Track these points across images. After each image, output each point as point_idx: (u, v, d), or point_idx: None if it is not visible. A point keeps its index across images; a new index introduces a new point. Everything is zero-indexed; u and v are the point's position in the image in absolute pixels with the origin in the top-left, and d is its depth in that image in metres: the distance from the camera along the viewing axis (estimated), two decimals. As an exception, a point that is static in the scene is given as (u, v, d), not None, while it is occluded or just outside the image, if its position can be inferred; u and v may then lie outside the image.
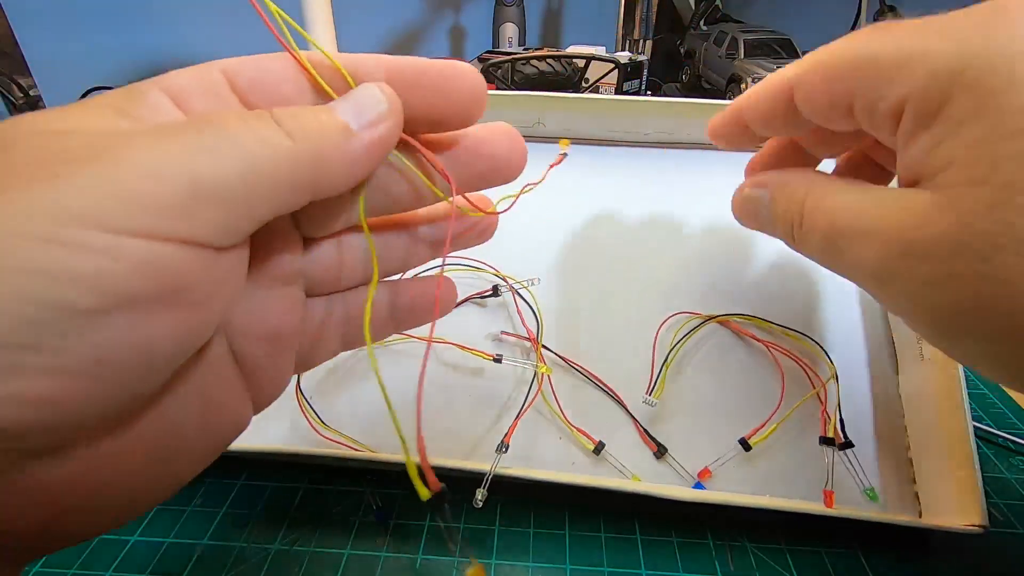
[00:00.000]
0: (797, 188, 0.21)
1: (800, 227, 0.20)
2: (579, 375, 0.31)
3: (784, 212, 0.21)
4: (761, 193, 0.23)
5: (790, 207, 0.21)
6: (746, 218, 0.25)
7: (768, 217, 0.23)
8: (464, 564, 0.27)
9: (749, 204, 0.24)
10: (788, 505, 0.27)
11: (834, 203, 0.19)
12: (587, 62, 0.77)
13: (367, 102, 0.16)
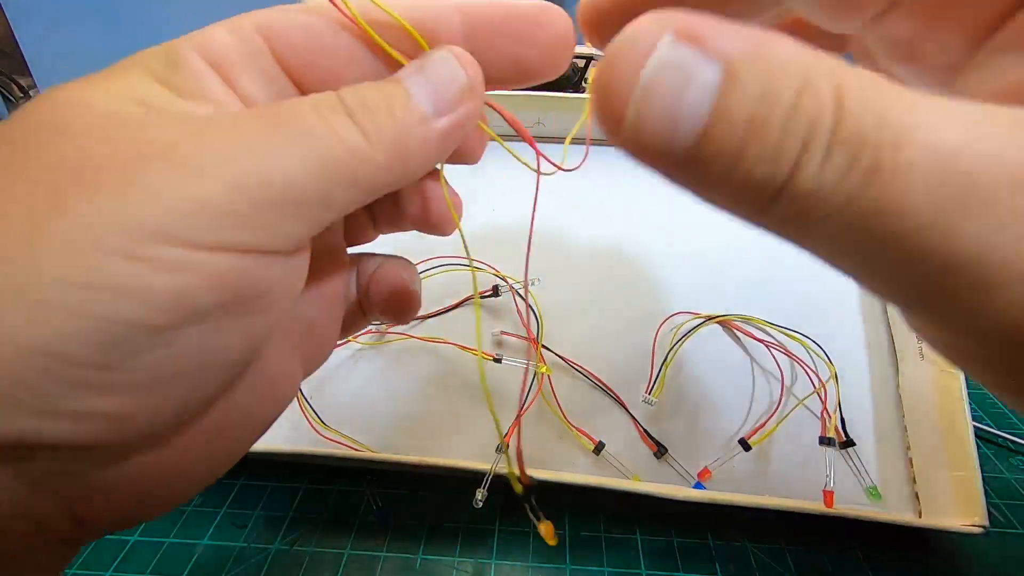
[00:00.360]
0: (807, 64, 0.09)
1: (826, 156, 0.09)
2: (579, 375, 0.31)
3: (776, 112, 0.09)
4: (698, 60, 0.09)
5: (803, 100, 0.09)
6: (647, 126, 0.10)
7: (705, 123, 0.09)
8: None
9: (663, 87, 0.09)
10: (788, 505, 0.27)
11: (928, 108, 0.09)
12: (587, 62, 0.77)
13: (444, 78, 0.14)
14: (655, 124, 0.09)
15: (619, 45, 0.10)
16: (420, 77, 0.14)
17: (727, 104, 0.09)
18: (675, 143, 0.09)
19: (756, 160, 0.09)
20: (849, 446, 0.28)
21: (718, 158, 0.09)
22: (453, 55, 0.14)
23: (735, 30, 0.09)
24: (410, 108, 0.13)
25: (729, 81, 0.09)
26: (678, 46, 0.09)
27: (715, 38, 0.09)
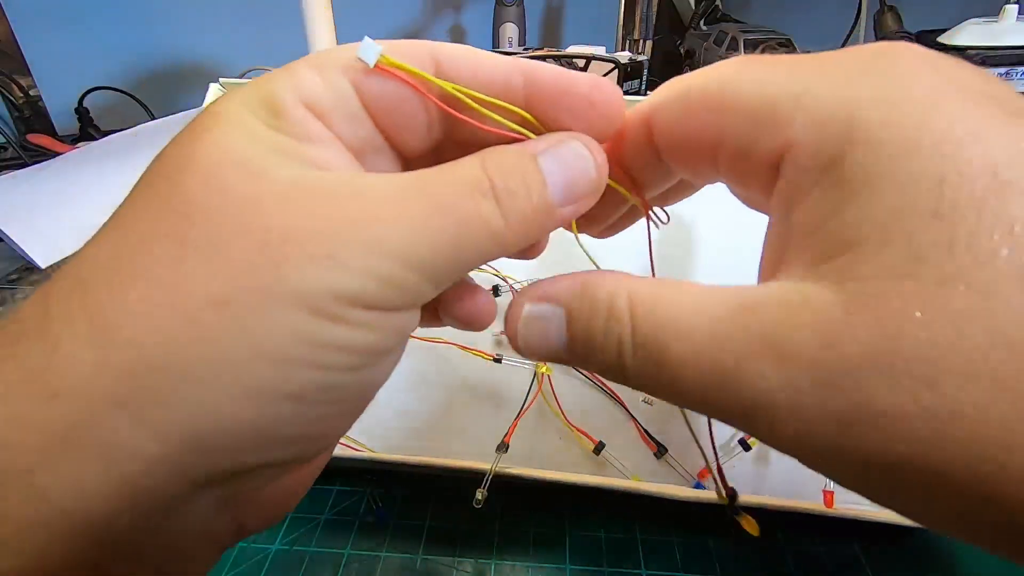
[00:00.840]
0: (612, 292, 0.14)
1: (633, 353, 0.14)
2: (579, 375, 0.31)
3: (599, 333, 0.14)
4: (550, 310, 0.15)
5: (609, 324, 0.14)
6: (533, 350, 0.16)
7: (566, 345, 0.15)
8: (461, 563, 0.27)
9: (535, 330, 0.16)
10: (788, 505, 0.27)
11: (688, 310, 0.13)
12: (587, 62, 0.77)
13: (577, 172, 0.15)
14: (537, 348, 0.16)
15: (507, 315, 0.16)
16: (556, 165, 0.15)
17: (572, 330, 0.15)
18: (555, 351, 0.16)
19: (602, 354, 0.14)
20: (849, 446, 0.28)
21: (584, 355, 0.15)
22: (588, 151, 0.15)
23: (568, 279, 0.16)
24: (545, 197, 0.15)
25: (569, 317, 0.15)
26: (534, 305, 0.16)
27: (553, 291, 0.16)
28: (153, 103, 0.79)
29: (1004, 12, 0.65)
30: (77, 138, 0.76)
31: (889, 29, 0.70)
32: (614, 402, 0.31)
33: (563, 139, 0.15)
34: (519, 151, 0.15)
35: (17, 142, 0.69)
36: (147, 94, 0.80)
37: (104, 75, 0.81)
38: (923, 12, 0.77)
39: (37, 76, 0.79)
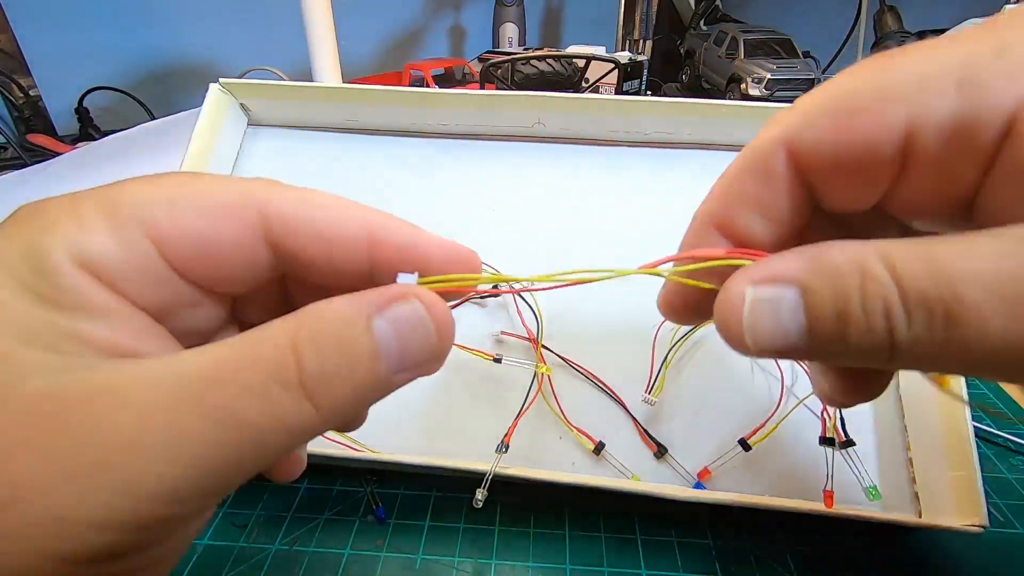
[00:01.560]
0: (856, 257, 0.12)
1: (908, 318, 0.12)
2: (579, 375, 0.31)
3: (852, 306, 0.12)
4: (780, 292, 0.13)
5: (867, 292, 0.12)
6: (764, 342, 0.13)
7: (806, 329, 0.13)
8: (462, 563, 0.27)
9: (764, 316, 0.13)
10: (788, 505, 0.27)
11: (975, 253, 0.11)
12: (587, 62, 0.77)
13: (416, 339, 0.13)
14: (771, 339, 0.13)
15: (721, 306, 0.14)
16: (391, 330, 0.13)
17: (814, 309, 0.13)
18: (791, 339, 0.13)
19: (859, 337, 0.12)
20: (849, 446, 0.28)
21: (831, 343, 0.13)
22: (429, 315, 0.13)
23: (793, 255, 0.13)
24: (376, 372, 0.13)
25: (807, 294, 0.13)
26: (759, 288, 0.13)
27: (780, 269, 0.13)
28: (153, 103, 0.79)
29: (1004, 12, 0.65)
30: (77, 138, 0.76)
31: (889, 29, 0.70)
32: (614, 402, 0.31)
33: (401, 294, 0.13)
34: (349, 314, 0.13)
35: (17, 142, 0.69)
36: (147, 94, 0.80)
37: (104, 75, 0.81)
38: (923, 12, 0.77)
39: (37, 76, 0.79)
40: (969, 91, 0.12)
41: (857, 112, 0.13)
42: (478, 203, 0.36)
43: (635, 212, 0.35)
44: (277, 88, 0.36)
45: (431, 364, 0.14)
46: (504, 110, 0.35)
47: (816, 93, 0.14)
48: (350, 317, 0.13)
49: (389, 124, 0.38)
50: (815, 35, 0.85)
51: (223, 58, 0.93)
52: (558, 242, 0.35)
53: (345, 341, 0.12)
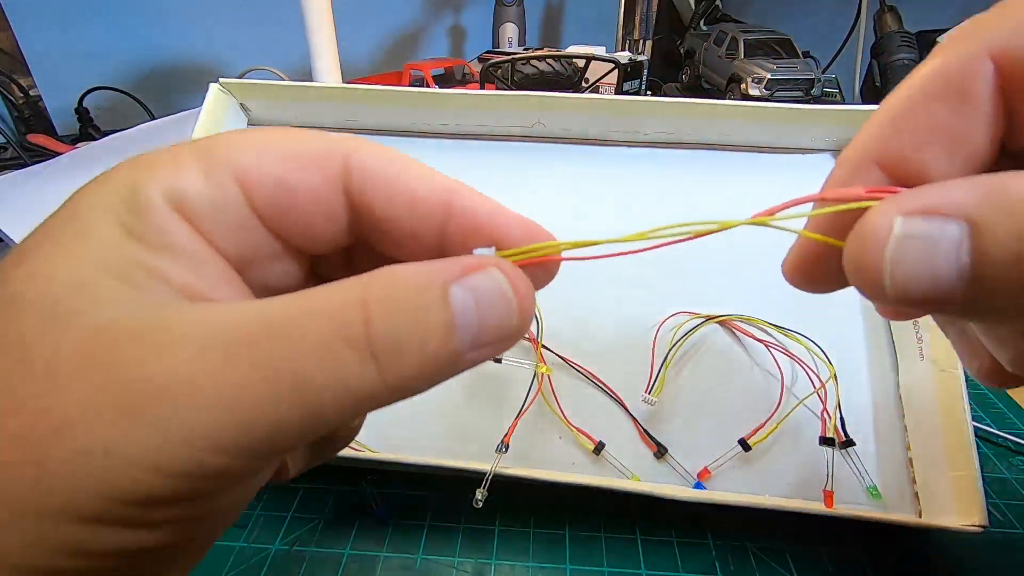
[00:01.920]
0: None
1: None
2: (579, 375, 0.31)
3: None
4: (940, 226, 0.11)
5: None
6: (909, 284, 0.11)
7: (970, 271, 0.11)
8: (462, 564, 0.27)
9: (914, 254, 0.11)
10: (788, 505, 0.27)
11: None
12: (587, 62, 0.77)
13: (496, 316, 0.12)
14: (918, 282, 0.11)
15: (857, 240, 0.11)
16: (470, 301, 0.12)
17: (986, 251, 0.10)
18: (946, 291, 0.11)
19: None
20: (849, 446, 0.28)
21: (1005, 293, 0.10)
22: (513, 291, 0.12)
23: (964, 184, 0.11)
24: (449, 346, 0.12)
25: (978, 233, 0.10)
26: (910, 221, 0.11)
27: (945, 200, 0.11)
28: (153, 103, 0.79)
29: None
30: (77, 138, 0.76)
31: (889, 29, 0.70)
32: (614, 402, 0.31)
33: (481, 264, 0.12)
34: (424, 279, 0.12)
35: (17, 142, 0.69)
36: (147, 94, 0.80)
37: (104, 75, 0.81)
38: (923, 12, 0.77)
39: (37, 76, 0.79)
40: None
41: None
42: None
43: (635, 212, 0.35)
44: (277, 88, 0.36)
45: (507, 343, 0.12)
46: (504, 110, 0.35)
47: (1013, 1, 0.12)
48: (426, 281, 0.12)
49: (389, 124, 0.38)
50: (815, 35, 0.85)
51: (223, 58, 0.93)
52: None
53: (419, 307, 0.11)
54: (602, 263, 0.34)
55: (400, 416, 0.31)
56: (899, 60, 0.68)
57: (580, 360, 0.31)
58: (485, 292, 0.12)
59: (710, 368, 0.31)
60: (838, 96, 0.77)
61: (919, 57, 0.69)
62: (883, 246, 0.11)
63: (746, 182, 0.35)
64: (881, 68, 0.71)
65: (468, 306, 0.12)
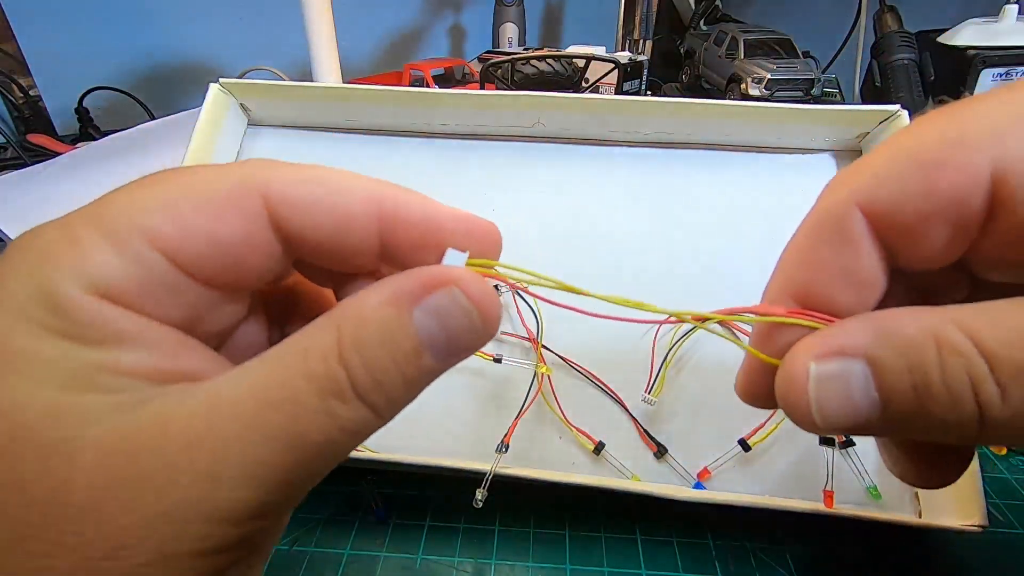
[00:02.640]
0: (929, 326, 0.12)
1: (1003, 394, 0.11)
2: (579, 375, 0.31)
3: (932, 380, 0.11)
4: (846, 366, 0.12)
5: (949, 366, 0.11)
6: (834, 420, 0.13)
7: (880, 406, 0.12)
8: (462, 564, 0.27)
9: (833, 394, 0.13)
10: (788, 505, 0.27)
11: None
12: (587, 62, 0.77)
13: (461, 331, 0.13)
14: (842, 417, 0.12)
15: (783, 384, 0.13)
16: (434, 322, 0.13)
17: (887, 384, 0.12)
18: (866, 421, 0.12)
19: (944, 411, 0.11)
20: (849, 446, 0.28)
21: (910, 419, 0.12)
22: (473, 303, 0.13)
23: (857, 325, 0.12)
24: (423, 366, 0.13)
25: (876, 368, 0.12)
26: (822, 363, 0.12)
27: (845, 341, 0.12)
28: (153, 103, 0.79)
29: (1004, 12, 0.65)
30: (77, 138, 0.76)
31: (889, 29, 0.70)
32: (614, 402, 0.31)
33: (439, 280, 0.13)
34: (387, 311, 0.12)
35: (17, 142, 0.69)
36: (147, 94, 0.80)
37: (104, 75, 0.81)
38: (923, 12, 0.77)
39: (37, 76, 0.79)
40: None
41: (937, 164, 0.12)
42: (478, 203, 0.36)
43: (635, 212, 0.35)
44: (277, 88, 0.36)
45: (479, 346, 0.14)
46: (504, 110, 0.35)
47: (883, 150, 0.14)
48: (388, 315, 0.12)
49: (389, 124, 0.38)
50: (815, 35, 0.85)
51: (223, 58, 0.93)
52: (558, 242, 0.35)
53: (388, 340, 0.12)
54: (603, 263, 0.35)
55: (400, 416, 0.31)
56: (899, 60, 0.68)
57: (580, 360, 0.31)
58: (447, 310, 0.13)
59: (710, 368, 0.31)
60: (838, 96, 0.77)
61: (919, 57, 0.69)
62: (804, 387, 0.13)
63: (746, 182, 0.35)
64: (881, 68, 0.70)
65: (433, 327, 0.13)
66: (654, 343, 0.31)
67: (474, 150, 0.37)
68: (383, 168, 0.37)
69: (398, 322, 0.12)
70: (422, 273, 0.13)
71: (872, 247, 0.14)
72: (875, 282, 0.14)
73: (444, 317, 0.13)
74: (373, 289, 0.13)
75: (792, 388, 0.13)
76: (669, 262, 0.34)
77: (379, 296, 0.13)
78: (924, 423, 0.12)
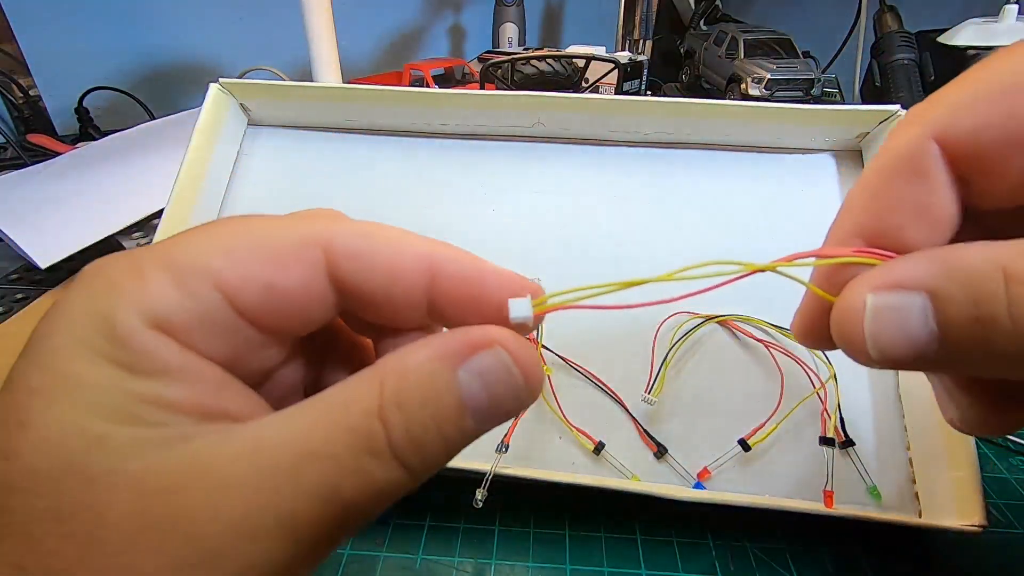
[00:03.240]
0: (993, 257, 0.11)
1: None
2: (579, 375, 0.31)
3: (998, 308, 0.11)
4: (905, 299, 0.12)
5: (1015, 294, 0.11)
6: (889, 350, 0.13)
7: (938, 336, 0.12)
8: (462, 564, 0.27)
9: (889, 324, 0.13)
10: (788, 505, 0.27)
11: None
12: (587, 62, 0.77)
13: (503, 390, 0.13)
14: (898, 349, 0.12)
15: (839, 316, 0.13)
16: (478, 384, 0.13)
17: (949, 316, 0.12)
18: (923, 354, 0.12)
19: (1008, 342, 0.11)
20: (849, 446, 0.28)
21: (972, 352, 0.12)
22: (518, 367, 0.13)
23: (924, 259, 0.12)
24: (464, 429, 0.13)
25: (938, 301, 0.12)
26: (881, 296, 0.12)
27: (907, 275, 0.12)
28: (153, 103, 0.79)
29: (1004, 12, 0.65)
30: (77, 138, 0.76)
31: (889, 29, 0.70)
32: (614, 402, 0.31)
33: (485, 342, 0.13)
34: (431, 369, 0.12)
35: (17, 142, 0.69)
36: (147, 94, 0.80)
37: (104, 75, 0.81)
38: (923, 12, 0.77)
39: (37, 76, 0.79)
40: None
41: (1019, 88, 0.12)
42: (478, 203, 0.36)
43: (635, 212, 0.35)
44: (277, 88, 0.36)
45: (518, 410, 0.13)
46: (504, 110, 0.35)
47: (957, 84, 0.13)
48: (433, 372, 0.12)
49: (389, 124, 0.38)
50: (815, 35, 0.85)
51: (223, 58, 0.93)
52: (558, 242, 0.35)
53: (431, 400, 0.12)
54: (602, 263, 0.35)
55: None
56: (899, 60, 0.68)
57: (580, 360, 0.31)
58: (491, 372, 0.13)
59: (710, 368, 0.31)
60: (838, 96, 0.77)
61: (919, 57, 0.69)
62: (860, 318, 0.13)
63: (746, 182, 0.35)
64: (881, 68, 0.70)
65: (477, 388, 0.12)
66: (654, 343, 0.31)
67: (474, 150, 0.37)
68: (383, 168, 0.37)
69: (443, 380, 0.12)
70: (468, 333, 0.13)
71: (948, 182, 0.14)
72: (949, 219, 0.14)
73: (488, 378, 0.13)
74: (418, 346, 0.13)
75: (847, 320, 0.13)
76: (669, 262, 0.34)
77: (424, 354, 0.13)
78: (986, 357, 0.12)
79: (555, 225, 0.35)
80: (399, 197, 0.36)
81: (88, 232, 0.47)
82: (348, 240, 0.13)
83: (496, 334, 0.13)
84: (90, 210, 0.50)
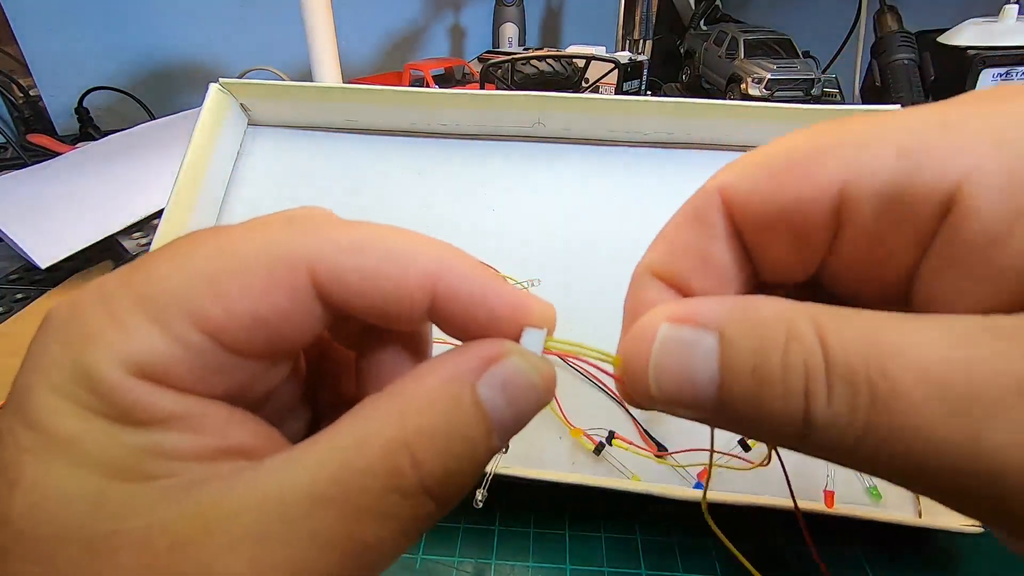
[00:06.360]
0: (784, 313, 0.11)
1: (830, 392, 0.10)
2: (579, 375, 0.31)
3: (773, 364, 0.11)
4: (696, 335, 0.12)
5: (790, 352, 0.11)
6: (668, 387, 0.12)
7: (718, 383, 0.12)
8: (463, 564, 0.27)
9: (674, 357, 0.12)
10: (788, 505, 0.27)
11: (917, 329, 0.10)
12: (587, 62, 0.77)
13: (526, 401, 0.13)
14: (676, 387, 0.12)
15: (629, 342, 0.13)
16: (501, 397, 0.12)
17: (730, 362, 0.11)
18: (699, 391, 0.12)
19: (773, 400, 0.11)
20: (849, 446, 0.28)
21: (741, 403, 0.11)
22: (539, 375, 0.13)
23: (723, 300, 0.12)
24: (491, 447, 0.12)
25: (725, 343, 0.11)
26: (674, 328, 0.12)
27: (703, 311, 0.12)
28: (153, 103, 0.79)
29: (1004, 12, 0.65)
30: (77, 138, 0.76)
31: (889, 29, 0.70)
32: (614, 402, 0.31)
33: (499, 353, 0.12)
34: (453, 387, 0.12)
35: (17, 142, 0.69)
36: (147, 94, 0.80)
37: (104, 75, 0.81)
38: (923, 12, 0.77)
39: (37, 76, 0.79)
40: (909, 158, 0.11)
41: (790, 167, 0.13)
42: (478, 203, 0.36)
43: (635, 212, 0.35)
44: (277, 88, 0.36)
45: (536, 412, 0.13)
46: (504, 110, 0.35)
47: (757, 149, 0.14)
48: (456, 396, 0.12)
49: (389, 124, 0.38)
50: (815, 35, 0.85)
51: (223, 58, 0.93)
52: (558, 242, 0.35)
53: (459, 426, 0.12)
54: (602, 263, 0.35)
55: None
56: (899, 60, 0.68)
57: (580, 360, 0.31)
58: (515, 385, 0.12)
59: (710, 368, 0.31)
60: (838, 96, 0.77)
61: (919, 57, 0.69)
62: (649, 348, 0.12)
63: (746, 182, 0.35)
64: (881, 68, 0.70)
65: (501, 406, 0.12)
66: (654, 343, 0.31)
67: (474, 150, 0.37)
68: (383, 168, 0.37)
69: (467, 402, 0.12)
70: (480, 348, 0.13)
71: (728, 235, 0.14)
72: (729, 272, 0.14)
73: (512, 391, 0.12)
74: (429, 369, 0.12)
75: (636, 347, 0.12)
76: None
77: (440, 376, 0.12)
78: (756, 413, 0.11)
79: (555, 225, 0.35)
80: (399, 197, 0.36)
81: (88, 232, 0.47)
82: (336, 259, 0.12)
83: (508, 343, 0.13)
84: (90, 210, 0.50)
